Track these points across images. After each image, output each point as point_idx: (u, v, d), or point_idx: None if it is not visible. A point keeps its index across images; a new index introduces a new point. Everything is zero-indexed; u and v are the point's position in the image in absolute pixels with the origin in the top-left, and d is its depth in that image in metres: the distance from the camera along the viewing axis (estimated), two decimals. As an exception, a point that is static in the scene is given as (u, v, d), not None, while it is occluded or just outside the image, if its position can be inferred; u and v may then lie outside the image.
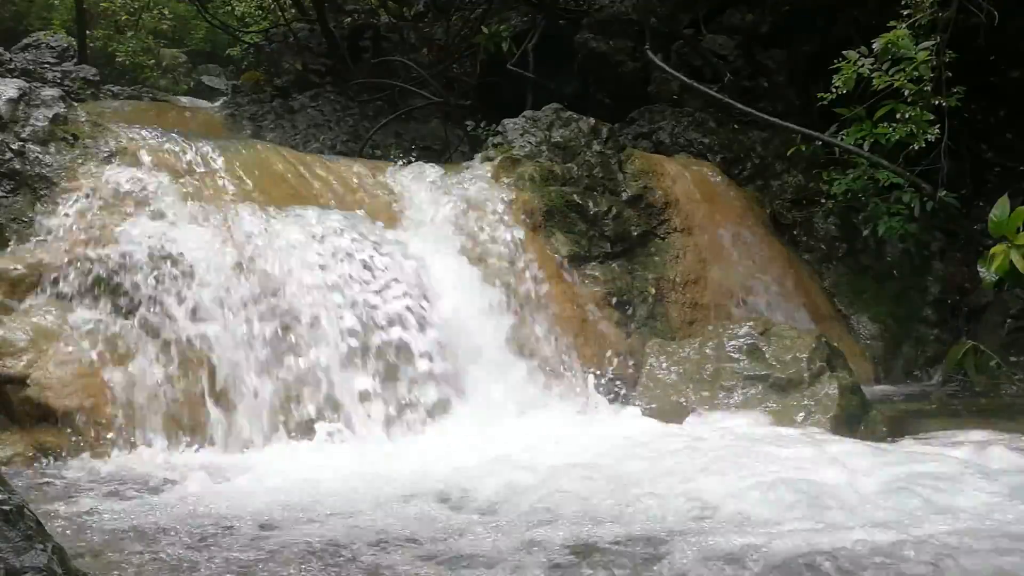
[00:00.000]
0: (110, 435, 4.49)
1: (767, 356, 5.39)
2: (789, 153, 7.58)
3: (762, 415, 5.15)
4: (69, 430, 4.43)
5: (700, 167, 7.91)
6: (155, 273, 4.92)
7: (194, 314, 4.90)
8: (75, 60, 13.18)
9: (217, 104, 12.44)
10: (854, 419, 5.16)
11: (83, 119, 5.61)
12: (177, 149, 5.75)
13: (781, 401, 5.21)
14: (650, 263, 6.86)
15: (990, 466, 4.05)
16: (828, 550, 2.93)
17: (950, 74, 6.17)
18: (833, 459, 4.06)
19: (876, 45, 6.13)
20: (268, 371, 4.93)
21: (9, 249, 4.97)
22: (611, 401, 5.77)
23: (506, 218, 6.39)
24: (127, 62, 14.32)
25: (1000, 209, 4.44)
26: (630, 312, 6.47)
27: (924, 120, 6.17)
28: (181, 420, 4.66)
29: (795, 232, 7.96)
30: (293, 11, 13.30)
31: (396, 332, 5.28)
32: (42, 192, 5.20)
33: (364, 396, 5.02)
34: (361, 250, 5.55)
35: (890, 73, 6.16)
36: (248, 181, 5.80)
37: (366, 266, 5.49)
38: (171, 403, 4.67)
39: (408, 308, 5.42)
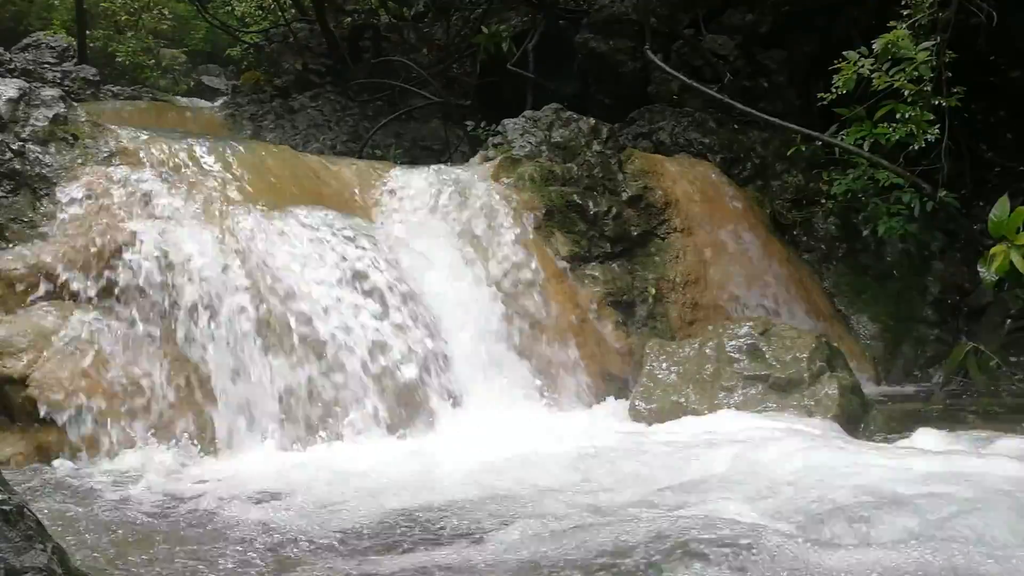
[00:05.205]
0: (110, 435, 4.48)
1: (767, 356, 5.38)
2: (789, 153, 7.57)
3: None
4: (69, 430, 4.42)
5: (700, 167, 7.90)
6: (155, 273, 4.92)
7: (195, 314, 4.90)
8: (75, 60, 13.19)
9: (217, 104, 12.46)
10: (854, 419, 5.15)
11: (83, 119, 5.60)
12: (177, 149, 5.75)
13: (781, 401, 5.20)
14: (650, 263, 6.86)
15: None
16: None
17: (950, 74, 6.17)
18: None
19: (876, 45, 6.12)
20: (269, 371, 4.93)
21: (9, 249, 4.96)
22: (610, 402, 5.77)
23: (506, 218, 6.38)
24: (127, 62, 14.31)
25: (1000, 209, 4.45)
26: (630, 312, 6.47)
27: (924, 120, 6.16)
28: (181, 421, 4.66)
29: (795, 232, 7.95)
30: (293, 11, 13.31)
31: (394, 333, 5.28)
32: (42, 192, 5.20)
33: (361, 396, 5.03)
34: (360, 249, 5.55)
35: (890, 73, 6.15)
36: (250, 181, 5.80)
37: (365, 266, 5.49)
38: (171, 403, 4.67)
39: (407, 310, 5.42)
